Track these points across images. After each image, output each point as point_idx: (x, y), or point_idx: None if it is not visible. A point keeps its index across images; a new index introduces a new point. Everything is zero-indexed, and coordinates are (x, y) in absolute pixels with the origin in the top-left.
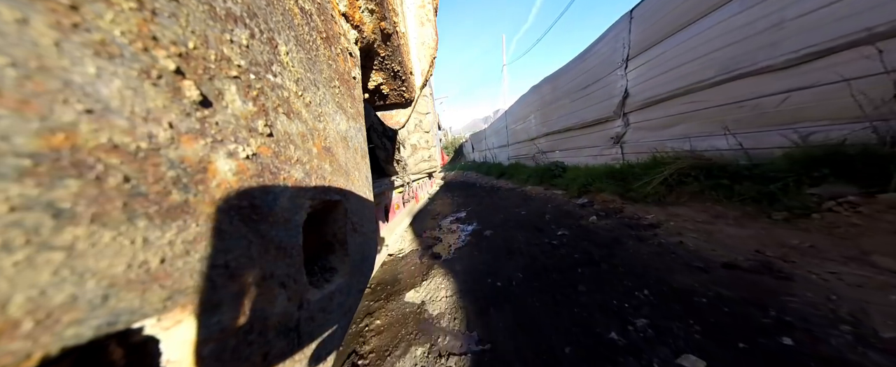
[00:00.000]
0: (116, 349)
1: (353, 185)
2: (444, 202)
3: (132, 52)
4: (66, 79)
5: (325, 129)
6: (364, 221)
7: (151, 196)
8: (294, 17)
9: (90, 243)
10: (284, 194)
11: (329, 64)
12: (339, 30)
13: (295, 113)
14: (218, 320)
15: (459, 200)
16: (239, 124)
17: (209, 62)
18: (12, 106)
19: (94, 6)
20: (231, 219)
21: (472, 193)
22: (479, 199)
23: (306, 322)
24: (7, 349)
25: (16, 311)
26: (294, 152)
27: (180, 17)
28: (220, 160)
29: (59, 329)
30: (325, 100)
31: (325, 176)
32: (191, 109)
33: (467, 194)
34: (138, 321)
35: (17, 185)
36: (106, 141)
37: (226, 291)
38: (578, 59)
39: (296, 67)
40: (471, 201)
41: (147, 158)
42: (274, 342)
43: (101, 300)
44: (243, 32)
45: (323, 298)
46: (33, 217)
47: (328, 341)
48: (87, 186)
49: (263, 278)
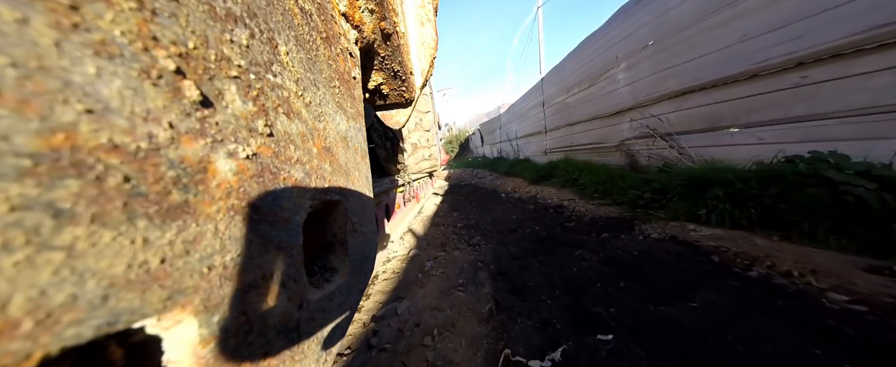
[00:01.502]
0: (116, 349)
1: (354, 185)
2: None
3: (132, 52)
4: (66, 79)
5: (325, 129)
6: (364, 221)
7: (151, 196)
8: (294, 17)
9: (90, 243)
10: (284, 194)
11: (329, 64)
12: (339, 30)
13: (295, 113)
14: (218, 320)
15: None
16: (239, 124)
17: (209, 62)
18: (12, 106)
19: (94, 6)
20: (231, 219)
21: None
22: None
23: (306, 322)
24: (7, 349)
25: (16, 311)
26: (294, 152)
27: (180, 17)
28: (221, 160)
29: (59, 329)
30: (325, 100)
31: (325, 176)
32: (191, 109)
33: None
34: (138, 321)
35: (17, 185)
36: (106, 141)
37: (226, 291)
38: None
39: (296, 67)
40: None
41: (147, 158)
42: (274, 342)
43: (101, 300)
44: (243, 32)
45: (323, 298)
46: (33, 217)
47: (328, 341)
48: (87, 186)
49: (263, 278)
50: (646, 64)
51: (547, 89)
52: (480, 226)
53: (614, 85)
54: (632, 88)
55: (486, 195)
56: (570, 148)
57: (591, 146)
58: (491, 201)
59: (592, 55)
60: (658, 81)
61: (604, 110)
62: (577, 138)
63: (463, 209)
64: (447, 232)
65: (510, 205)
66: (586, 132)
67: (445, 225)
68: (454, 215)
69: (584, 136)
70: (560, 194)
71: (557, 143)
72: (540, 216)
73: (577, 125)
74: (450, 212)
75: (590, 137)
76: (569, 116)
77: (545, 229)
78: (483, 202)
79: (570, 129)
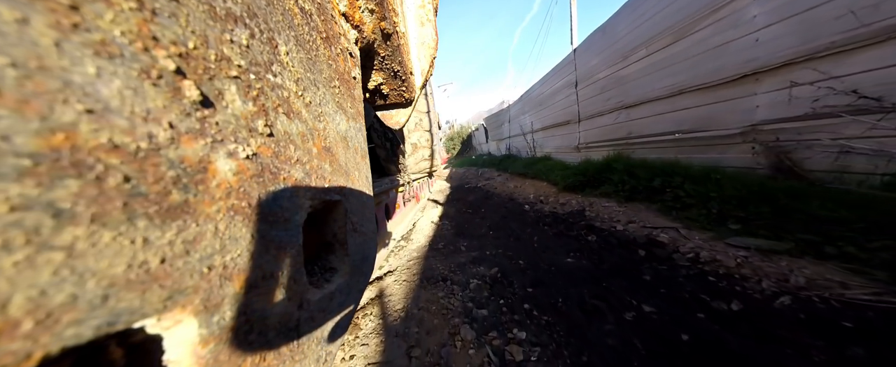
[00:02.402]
0: (116, 349)
1: (354, 185)
2: None
3: (132, 52)
4: (66, 79)
5: (325, 129)
6: (364, 221)
7: (151, 196)
8: (294, 17)
9: (90, 243)
10: (284, 194)
11: (329, 64)
12: (339, 30)
13: (295, 113)
14: (218, 320)
15: None
16: (239, 124)
17: (209, 62)
18: (12, 106)
19: (94, 6)
20: (231, 219)
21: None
22: None
23: (306, 322)
24: (7, 349)
25: (16, 311)
26: (294, 152)
27: (180, 17)
28: (220, 160)
29: (59, 329)
30: (325, 100)
31: (325, 176)
32: (191, 109)
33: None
34: (138, 321)
35: (17, 185)
36: (106, 141)
37: (226, 291)
38: None
39: (296, 67)
40: None
41: (147, 158)
42: (274, 342)
43: (101, 300)
44: (243, 32)
45: (323, 298)
46: (33, 217)
47: (328, 341)
48: (87, 186)
49: (263, 278)
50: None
51: (583, 63)
52: (515, 285)
53: (737, 30)
54: (787, 28)
55: (502, 206)
56: (623, 141)
57: (671, 137)
58: (513, 217)
59: (639, 15)
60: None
61: (709, 76)
62: (639, 127)
63: (474, 233)
64: (452, 307)
65: (546, 228)
66: (662, 116)
67: (447, 278)
68: (462, 249)
69: (656, 122)
70: (632, 213)
71: (598, 135)
72: (625, 264)
73: (640, 107)
74: (454, 239)
75: (670, 122)
76: (623, 94)
77: (672, 315)
78: (502, 220)
79: (627, 113)
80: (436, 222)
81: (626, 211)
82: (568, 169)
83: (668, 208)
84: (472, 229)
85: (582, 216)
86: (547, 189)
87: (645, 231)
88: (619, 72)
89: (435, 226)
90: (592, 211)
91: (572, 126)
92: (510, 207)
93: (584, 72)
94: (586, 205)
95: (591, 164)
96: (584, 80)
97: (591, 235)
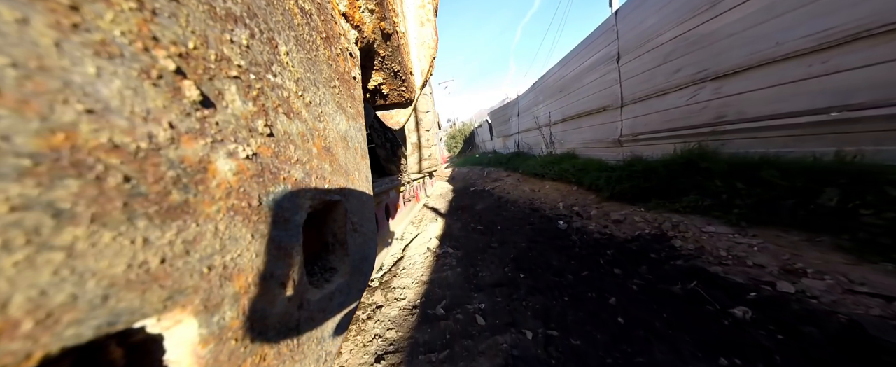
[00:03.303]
0: (116, 349)
1: (353, 185)
2: None
3: (132, 52)
4: (66, 79)
5: (325, 129)
6: (364, 221)
7: (151, 196)
8: (294, 17)
9: (90, 243)
10: (284, 194)
11: (329, 64)
12: (339, 30)
13: (295, 113)
14: (218, 320)
15: None
16: (239, 124)
17: (209, 62)
18: (12, 106)
19: (94, 6)
20: (231, 219)
21: None
22: None
23: (306, 322)
24: (7, 349)
25: (16, 311)
26: (294, 152)
27: (180, 17)
28: (220, 160)
29: (59, 329)
30: (325, 100)
31: (325, 176)
32: (191, 109)
33: None
34: (138, 321)
35: (17, 185)
36: (106, 141)
37: (226, 291)
38: None
39: (296, 67)
40: None
41: (147, 158)
42: (274, 342)
43: (101, 300)
44: (243, 32)
45: (323, 298)
46: (33, 217)
47: (328, 341)
48: (87, 186)
49: (263, 278)
50: None
51: (631, 26)
52: None
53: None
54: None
55: (524, 222)
56: (708, 128)
57: (819, 119)
58: (547, 243)
59: None
60: None
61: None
62: (742, 105)
63: (492, 276)
64: None
65: (616, 270)
66: (797, 85)
67: None
68: (478, 319)
69: (781, 95)
70: (781, 250)
71: (657, 122)
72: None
73: (745, 74)
74: (462, 290)
75: (818, 94)
76: (709, 59)
77: None
78: (532, 248)
79: (715, 87)
80: (434, 250)
81: (762, 244)
82: (611, 170)
83: (863, 244)
84: (488, 265)
85: (670, 248)
86: (580, 195)
87: (868, 302)
88: (701, 27)
89: (433, 258)
90: (685, 238)
91: (610, 113)
92: (536, 223)
93: (633, 38)
94: (668, 226)
95: (647, 163)
96: (633, 49)
97: (715, 293)
